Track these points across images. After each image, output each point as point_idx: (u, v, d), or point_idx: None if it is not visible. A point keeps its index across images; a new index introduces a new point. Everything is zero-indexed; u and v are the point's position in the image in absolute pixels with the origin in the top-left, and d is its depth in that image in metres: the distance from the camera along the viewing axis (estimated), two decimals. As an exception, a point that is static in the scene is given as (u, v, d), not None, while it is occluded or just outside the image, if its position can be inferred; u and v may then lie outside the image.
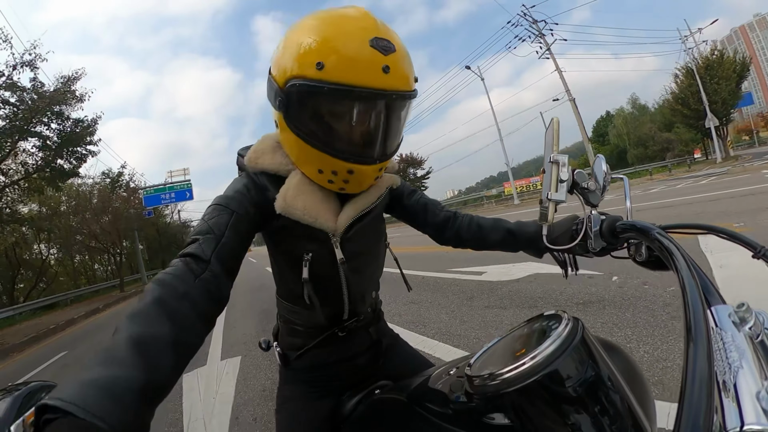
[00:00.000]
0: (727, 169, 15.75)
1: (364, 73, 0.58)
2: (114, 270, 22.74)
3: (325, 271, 0.72)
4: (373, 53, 0.58)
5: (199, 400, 2.77)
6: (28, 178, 11.85)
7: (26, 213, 14.94)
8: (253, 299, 7.06)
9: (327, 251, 0.71)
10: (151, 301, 0.46)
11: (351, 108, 0.61)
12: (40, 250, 19.92)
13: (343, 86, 0.58)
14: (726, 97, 24.92)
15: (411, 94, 0.64)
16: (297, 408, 0.81)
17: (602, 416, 0.40)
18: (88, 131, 12.10)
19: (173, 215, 34.98)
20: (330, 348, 0.82)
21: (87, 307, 12.68)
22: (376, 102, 0.61)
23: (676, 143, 33.22)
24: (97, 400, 0.34)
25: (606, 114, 47.26)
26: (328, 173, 0.66)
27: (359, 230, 0.74)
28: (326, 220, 0.69)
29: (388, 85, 0.59)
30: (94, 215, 17.76)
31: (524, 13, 23.41)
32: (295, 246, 0.72)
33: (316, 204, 0.68)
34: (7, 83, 9.70)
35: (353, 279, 0.75)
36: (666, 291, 2.80)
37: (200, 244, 0.56)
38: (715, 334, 0.32)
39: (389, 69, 0.58)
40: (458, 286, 4.46)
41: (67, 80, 11.18)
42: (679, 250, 0.42)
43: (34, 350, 7.38)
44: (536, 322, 0.52)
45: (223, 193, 0.68)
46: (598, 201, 0.66)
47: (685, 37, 25.77)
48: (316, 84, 0.58)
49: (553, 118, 0.65)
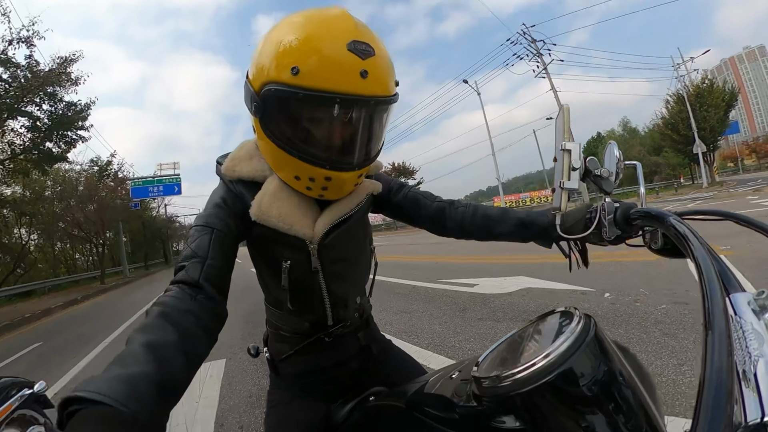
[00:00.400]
0: (713, 194, 16.20)
1: (340, 78, 0.56)
2: (95, 261, 22.21)
3: (305, 278, 0.72)
4: (351, 57, 0.56)
5: (181, 402, 2.66)
6: (14, 158, 11.51)
7: (8, 195, 14.50)
8: (237, 300, 6.87)
9: (305, 258, 0.70)
10: (157, 315, 0.49)
11: (327, 114, 0.60)
12: (21, 235, 19.34)
13: (319, 92, 0.56)
14: (714, 125, 25.68)
15: (390, 99, 0.62)
16: (286, 412, 0.79)
17: (617, 414, 0.39)
18: (80, 116, 11.84)
19: (160, 209, 34.36)
20: (317, 354, 0.80)
21: (65, 297, 12.31)
22: (353, 108, 0.60)
23: (664, 167, 34.05)
24: (120, 391, 0.36)
25: (597, 135, 48.30)
26: (306, 180, 0.65)
27: (338, 236, 0.72)
28: (302, 227, 0.68)
29: (366, 91, 0.58)
30: (80, 203, 17.37)
31: (524, 32, 23.84)
32: (274, 253, 0.71)
33: (292, 210, 0.68)
34: (1, 58, 9.44)
35: (334, 285, 0.75)
36: (657, 309, 2.83)
37: (187, 271, 0.57)
38: (735, 323, 0.31)
39: (367, 74, 0.57)
40: (450, 298, 4.44)
41: (63, 61, 10.92)
42: (696, 236, 0.40)
43: (6, 338, 7.10)
44: (546, 320, 0.50)
45: (203, 208, 0.69)
46: (611, 188, 0.64)
47: (678, 65, 26.53)
48: (291, 89, 0.57)
49: (563, 105, 0.64)
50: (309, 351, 0.79)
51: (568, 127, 0.62)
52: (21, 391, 1.42)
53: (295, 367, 0.81)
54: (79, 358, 4.45)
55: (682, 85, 26.40)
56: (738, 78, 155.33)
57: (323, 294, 0.74)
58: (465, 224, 0.83)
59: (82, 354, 4.65)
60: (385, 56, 0.62)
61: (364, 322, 0.87)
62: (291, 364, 0.81)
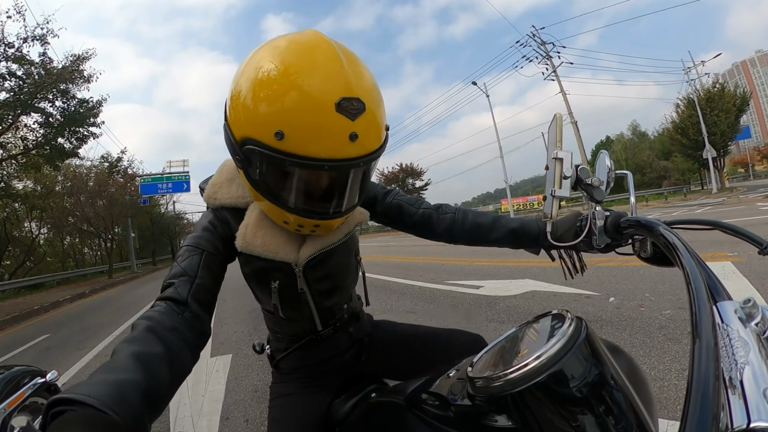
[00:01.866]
0: (723, 200, 15.94)
1: (329, 145, 0.54)
2: (103, 255, 22.45)
3: (293, 295, 0.75)
4: (340, 120, 0.52)
5: (187, 396, 2.70)
6: (26, 153, 11.69)
7: (20, 189, 14.73)
8: (243, 296, 6.96)
9: (291, 280, 0.73)
10: (144, 329, 0.49)
11: (315, 177, 0.60)
12: (31, 229, 19.63)
13: (306, 159, 0.54)
14: (725, 130, 25.25)
15: (378, 153, 0.60)
16: (288, 403, 0.82)
17: (607, 416, 0.40)
18: (92, 112, 11.98)
19: (168, 205, 34.69)
20: (312, 350, 0.84)
21: (73, 290, 12.47)
22: (342, 170, 0.58)
23: (673, 172, 33.59)
24: (107, 395, 0.37)
25: (606, 138, 47.70)
26: (295, 225, 0.66)
27: (323, 258, 0.74)
28: (287, 253, 0.70)
29: (355, 153, 0.56)
30: (89, 198, 17.58)
31: (533, 34, 23.71)
32: (262, 275, 0.74)
33: (275, 239, 0.69)
34: (16, 55, 9.58)
35: (320, 300, 0.79)
36: (662, 314, 2.81)
37: (176, 288, 0.59)
38: (722, 331, 0.31)
39: (357, 136, 0.54)
40: (456, 299, 4.43)
41: (76, 59, 11.08)
42: (684, 245, 0.41)
43: (15, 330, 7.23)
44: (538, 322, 0.51)
45: (193, 230, 0.71)
46: (602, 197, 0.65)
47: (689, 69, 26.20)
48: (275, 155, 0.54)
49: (556, 114, 0.65)
50: (304, 348, 0.83)
51: (561, 135, 0.63)
52: (33, 380, 1.46)
53: (294, 362, 0.85)
54: (87, 350, 4.52)
55: (692, 89, 26.05)
56: (750, 82, 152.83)
57: (311, 308, 0.78)
58: (454, 230, 0.84)
59: (90, 346, 4.73)
60: (376, 104, 0.58)
61: (354, 318, 0.89)
62: (289, 360, 0.85)
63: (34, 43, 9.78)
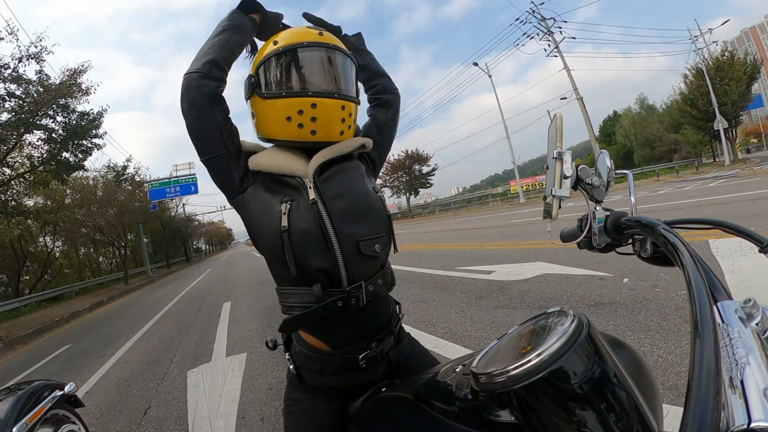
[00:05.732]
0: (736, 171, 15.60)
1: (304, 37, 0.77)
2: (118, 263, 22.94)
3: (307, 217, 0.71)
4: (311, 29, 0.81)
5: (204, 397, 2.76)
6: (33, 171, 11.91)
7: (31, 206, 15.04)
8: (257, 294, 7.10)
9: (304, 197, 0.73)
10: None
11: (302, 58, 0.78)
12: (45, 243, 20.11)
13: (294, 45, 0.77)
14: (736, 99, 24.63)
15: (346, 51, 0.81)
16: (305, 410, 0.81)
17: (608, 413, 0.40)
18: (93, 124, 12.11)
19: (178, 209, 35.17)
20: (349, 376, 0.79)
21: (91, 299, 12.82)
22: (318, 50, 0.78)
23: (684, 145, 32.93)
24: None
25: (613, 114, 46.94)
26: (296, 116, 0.75)
27: (334, 173, 0.77)
28: (295, 164, 0.77)
29: (324, 40, 0.78)
30: (99, 208, 17.91)
31: (533, 10, 23.23)
32: (272, 200, 0.74)
33: (285, 157, 0.78)
34: (13, 76, 9.68)
35: (339, 221, 0.72)
36: (678, 294, 2.76)
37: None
38: (722, 330, 0.31)
39: (323, 33, 0.79)
40: (467, 285, 4.42)
41: (72, 73, 11.18)
42: (685, 245, 0.41)
43: (38, 342, 7.46)
44: (541, 320, 0.52)
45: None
46: (602, 197, 0.66)
47: (695, 38, 25.51)
48: (272, 51, 0.77)
49: (556, 114, 0.64)
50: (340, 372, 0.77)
51: (561, 135, 0.63)
52: (53, 393, 1.50)
53: (319, 381, 0.80)
54: (106, 358, 4.65)
55: (700, 58, 25.40)
56: (760, 49, 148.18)
57: (328, 232, 0.71)
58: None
59: (109, 354, 4.87)
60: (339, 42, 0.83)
61: (397, 338, 0.84)
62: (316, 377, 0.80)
63: (30, 61, 9.87)
